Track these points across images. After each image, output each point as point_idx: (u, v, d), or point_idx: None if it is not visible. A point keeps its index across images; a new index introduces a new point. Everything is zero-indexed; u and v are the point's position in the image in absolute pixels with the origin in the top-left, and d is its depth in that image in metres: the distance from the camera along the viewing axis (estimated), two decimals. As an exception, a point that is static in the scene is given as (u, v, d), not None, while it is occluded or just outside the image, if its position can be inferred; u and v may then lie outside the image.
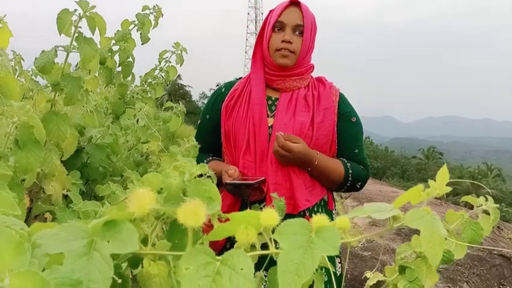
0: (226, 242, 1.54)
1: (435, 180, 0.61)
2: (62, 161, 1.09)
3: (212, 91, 2.83)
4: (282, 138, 1.54)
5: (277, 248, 0.49)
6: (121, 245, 0.43)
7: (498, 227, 6.14)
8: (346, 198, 8.17)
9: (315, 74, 1.78)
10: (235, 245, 0.54)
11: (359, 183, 1.70)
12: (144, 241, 0.51)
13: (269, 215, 0.50)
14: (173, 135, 1.76)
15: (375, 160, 50.50)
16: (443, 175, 0.58)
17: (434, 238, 0.50)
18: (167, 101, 1.94)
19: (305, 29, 1.64)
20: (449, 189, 0.58)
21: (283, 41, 1.62)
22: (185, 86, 43.24)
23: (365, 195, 8.32)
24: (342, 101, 1.73)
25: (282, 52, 1.63)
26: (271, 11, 1.70)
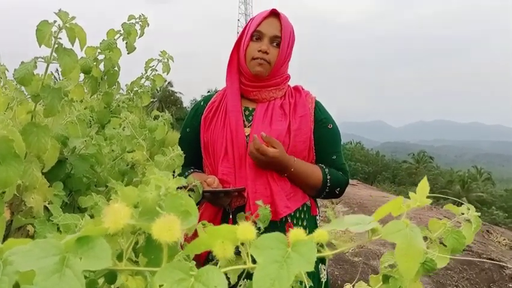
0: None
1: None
2: (45, 173, 1.08)
3: (203, 97, 2.86)
4: (259, 140, 1.56)
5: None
6: (93, 262, 0.43)
7: (487, 231, 6.19)
8: (337, 204, 8.19)
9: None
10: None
11: (338, 189, 1.71)
12: (120, 256, 0.50)
13: (246, 229, 0.49)
14: (163, 142, 1.75)
15: (366, 165, 50.68)
16: (423, 188, 0.58)
17: (410, 251, 0.50)
18: (157, 107, 1.93)
19: (282, 41, 1.66)
20: (429, 201, 0.58)
21: (259, 51, 1.64)
22: (176, 92, 43.25)
23: (356, 200, 8.36)
24: (319, 108, 1.76)
25: (258, 61, 1.65)
26: (251, 20, 1.72)
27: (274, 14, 1.68)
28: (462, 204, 0.86)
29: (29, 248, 0.42)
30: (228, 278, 0.59)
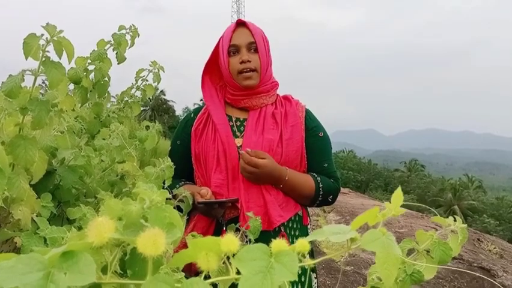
0: None
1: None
2: (33, 184, 1.07)
3: (196, 105, 2.88)
4: (248, 154, 1.56)
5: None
6: (78, 277, 0.43)
7: (478, 239, 6.22)
8: (329, 213, 8.19)
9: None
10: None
11: (331, 197, 1.72)
12: (105, 269, 0.50)
13: (229, 241, 0.49)
14: (154, 151, 1.75)
15: (359, 173, 50.80)
16: (397, 198, 0.60)
17: (389, 259, 0.51)
18: (150, 116, 1.93)
19: (258, 44, 1.68)
20: (404, 210, 0.59)
21: (242, 62, 1.65)
22: (168, 101, 43.27)
23: (348, 209, 8.36)
24: (309, 116, 1.77)
25: (245, 74, 1.66)
26: (221, 38, 1.73)
27: (240, 24, 1.71)
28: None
29: (12, 264, 0.42)
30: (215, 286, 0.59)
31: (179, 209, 1.48)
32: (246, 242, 1.44)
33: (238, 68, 1.66)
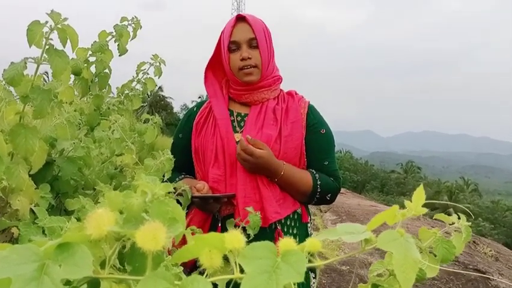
0: None
1: (411, 194, 0.60)
2: (32, 174, 1.06)
3: (194, 102, 2.87)
4: (246, 141, 1.54)
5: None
6: (73, 270, 0.41)
7: (474, 242, 6.23)
8: (325, 212, 8.19)
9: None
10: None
11: (329, 195, 1.69)
12: (104, 263, 0.48)
13: (234, 238, 0.47)
14: (152, 146, 1.74)
15: (355, 174, 50.99)
16: (419, 196, 0.57)
17: (406, 262, 0.49)
18: (147, 112, 1.91)
19: (259, 40, 1.65)
20: (425, 210, 0.57)
21: (242, 59, 1.64)
22: (166, 97, 43.15)
23: (344, 209, 8.37)
24: (311, 112, 1.73)
25: (245, 70, 1.65)
26: (222, 33, 1.71)
27: (240, 19, 1.68)
28: (450, 215, 0.86)
29: (6, 254, 0.40)
30: (215, 285, 0.57)
31: (178, 202, 1.47)
32: (245, 238, 1.43)
33: (238, 65, 1.65)
